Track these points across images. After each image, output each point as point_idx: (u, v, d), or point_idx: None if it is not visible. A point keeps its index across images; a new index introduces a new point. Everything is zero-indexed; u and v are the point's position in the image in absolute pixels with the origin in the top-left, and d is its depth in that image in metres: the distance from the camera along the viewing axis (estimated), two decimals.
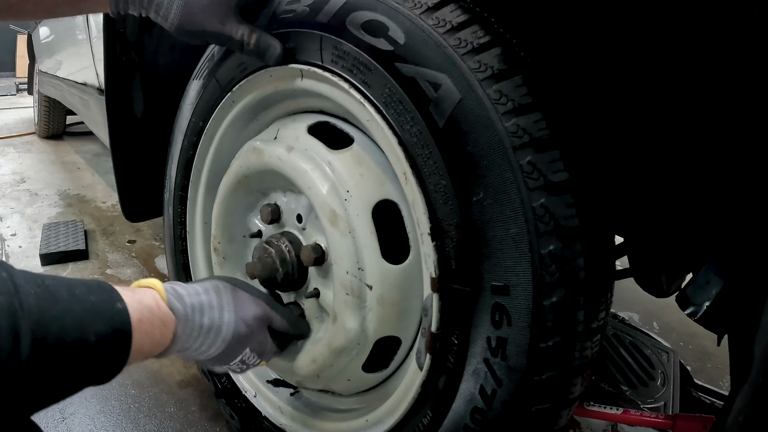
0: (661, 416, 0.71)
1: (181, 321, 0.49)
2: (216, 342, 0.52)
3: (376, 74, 0.52)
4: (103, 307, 0.41)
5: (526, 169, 0.44)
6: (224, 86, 0.71)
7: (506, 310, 0.46)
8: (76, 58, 1.71)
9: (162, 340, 0.47)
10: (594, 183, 0.47)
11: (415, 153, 0.50)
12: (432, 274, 0.51)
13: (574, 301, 0.45)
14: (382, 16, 0.52)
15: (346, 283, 0.57)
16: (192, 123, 0.76)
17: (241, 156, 0.68)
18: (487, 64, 0.46)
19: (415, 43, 0.49)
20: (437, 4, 0.50)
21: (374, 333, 0.57)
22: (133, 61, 0.87)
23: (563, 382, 0.47)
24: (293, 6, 0.60)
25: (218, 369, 0.58)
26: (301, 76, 0.62)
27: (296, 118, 0.67)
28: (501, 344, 0.47)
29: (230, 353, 0.54)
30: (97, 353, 0.40)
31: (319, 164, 0.60)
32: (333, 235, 0.57)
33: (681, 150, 0.61)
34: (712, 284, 0.60)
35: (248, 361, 0.57)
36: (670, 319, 1.41)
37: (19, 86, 6.47)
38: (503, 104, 0.45)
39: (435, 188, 0.49)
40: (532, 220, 0.44)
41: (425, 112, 0.48)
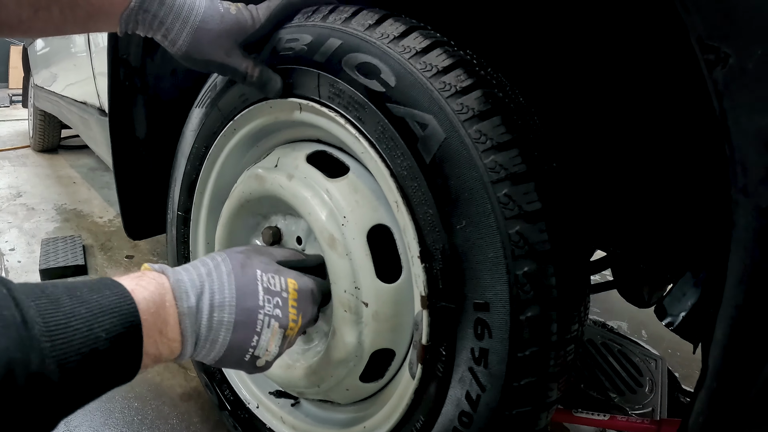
0: (647, 421, 0.76)
1: (171, 276, 0.47)
2: (223, 281, 0.48)
3: (369, 112, 0.58)
4: (108, 303, 0.39)
5: (503, 200, 0.50)
6: (226, 115, 0.76)
7: (487, 324, 0.52)
8: (74, 76, 1.72)
9: (165, 299, 0.45)
10: (566, 210, 0.53)
11: (405, 185, 0.56)
12: (422, 292, 0.56)
13: (548, 315, 0.51)
14: (375, 59, 0.57)
15: (344, 301, 0.62)
16: (195, 148, 0.81)
17: (243, 182, 0.73)
18: (469, 105, 0.52)
19: (405, 85, 0.55)
20: (425, 49, 0.56)
21: (370, 346, 0.63)
22: (136, 86, 0.92)
23: (541, 388, 0.52)
24: (292, 44, 0.65)
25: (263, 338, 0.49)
26: (300, 109, 0.67)
27: (295, 147, 0.72)
28: (483, 354, 0.52)
29: (246, 285, 0.49)
30: (111, 351, 0.38)
31: (317, 192, 0.65)
32: (331, 257, 0.62)
33: (657, 169, 0.67)
34: (687, 295, 0.64)
35: (273, 287, 0.51)
36: (658, 327, 1.46)
37: (12, 98, 6.40)
38: (483, 143, 0.51)
39: (423, 216, 0.55)
40: (509, 245, 0.50)
41: (414, 148, 0.54)
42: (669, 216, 0.68)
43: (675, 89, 0.61)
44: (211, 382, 0.85)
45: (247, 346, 0.49)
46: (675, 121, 0.63)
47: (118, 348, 0.39)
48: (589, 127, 0.71)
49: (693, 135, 0.63)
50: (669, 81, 0.61)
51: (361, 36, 0.59)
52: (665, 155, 0.67)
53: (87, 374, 0.37)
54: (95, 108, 1.43)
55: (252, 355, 0.49)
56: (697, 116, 0.61)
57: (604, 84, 0.68)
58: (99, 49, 1.30)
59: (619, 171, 0.71)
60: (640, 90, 0.65)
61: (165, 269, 0.48)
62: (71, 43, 1.72)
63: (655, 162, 0.68)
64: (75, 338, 0.36)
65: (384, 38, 0.58)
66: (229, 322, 0.47)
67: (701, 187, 0.64)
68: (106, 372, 0.39)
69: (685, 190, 0.66)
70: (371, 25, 0.60)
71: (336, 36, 0.61)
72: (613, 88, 0.68)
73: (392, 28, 0.58)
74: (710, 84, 0.32)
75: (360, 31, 0.59)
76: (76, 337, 0.36)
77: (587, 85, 0.69)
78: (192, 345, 0.47)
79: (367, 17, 0.60)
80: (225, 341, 0.47)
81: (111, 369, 0.39)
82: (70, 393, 0.37)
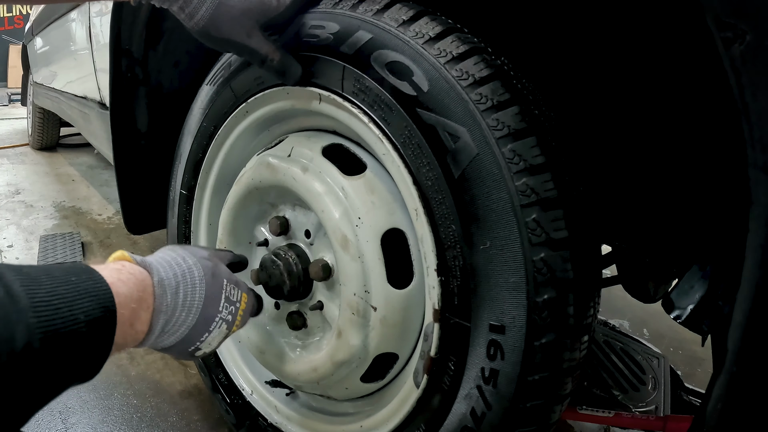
0: (652, 417, 0.76)
1: (155, 272, 0.49)
2: (195, 286, 0.51)
3: (396, 115, 0.55)
4: (85, 285, 0.40)
5: (531, 225, 0.49)
6: (239, 96, 0.72)
7: (501, 346, 0.52)
8: (75, 71, 1.67)
9: (144, 296, 0.46)
10: (590, 239, 0.52)
11: (428, 195, 0.54)
12: (435, 305, 0.56)
13: (562, 342, 0.51)
14: (407, 60, 0.54)
15: (353, 303, 0.61)
16: (203, 127, 0.77)
17: (254, 168, 0.70)
18: (505, 122, 0.50)
19: (438, 92, 0.52)
20: (462, 55, 0.53)
21: (375, 349, 0.62)
22: (138, 78, 0.88)
23: (546, 410, 0.53)
24: (317, 32, 0.61)
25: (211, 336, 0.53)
26: (320, 99, 0.64)
27: (311, 137, 0.69)
28: (493, 374, 0.52)
29: (213, 294, 0.53)
30: (87, 335, 0.39)
31: (332, 188, 0.63)
32: (343, 258, 0.61)
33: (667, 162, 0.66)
34: (695, 288, 0.65)
35: (232, 297, 0.56)
36: (660, 326, 1.48)
37: (11, 97, 6.25)
38: (516, 164, 0.49)
39: (445, 231, 0.53)
40: (532, 271, 0.49)
41: (442, 160, 0.52)
42: (675, 210, 0.68)
43: (683, 84, 0.60)
44: (206, 365, 0.85)
45: (196, 341, 0.53)
46: (681, 116, 0.62)
47: (94, 333, 0.40)
48: (596, 120, 0.70)
49: (699, 128, 0.62)
50: (677, 75, 0.60)
51: (394, 32, 0.56)
52: (671, 149, 0.66)
53: (65, 355, 0.37)
54: (96, 102, 1.38)
55: (196, 348, 0.54)
56: (705, 110, 0.60)
57: (613, 79, 0.66)
58: (100, 45, 1.25)
59: (626, 166, 0.70)
60: (648, 85, 0.63)
61: (146, 264, 0.50)
62: (72, 41, 1.68)
63: (662, 156, 0.67)
64: (57, 316, 0.36)
65: (419, 38, 0.55)
66: (191, 322, 0.51)
67: (708, 181, 0.64)
68: (81, 355, 0.39)
69: (691, 183, 0.66)
70: (405, 21, 0.56)
71: (366, 29, 0.57)
72: (622, 83, 0.66)
73: (428, 28, 0.55)
74: (727, 61, 0.32)
75: (393, 26, 0.56)
76: (58, 316, 0.36)
77: (597, 80, 0.67)
78: (155, 337, 0.49)
79: (401, 12, 0.57)
80: (180, 336, 0.51)
81: (85, 352, 0.39)
82: (49, 374, 0.36)
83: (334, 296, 0.67)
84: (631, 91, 0.65)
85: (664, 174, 0.67)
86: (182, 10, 0.58)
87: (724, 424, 0.37)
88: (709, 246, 0.65)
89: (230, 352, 0.82)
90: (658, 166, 0.67)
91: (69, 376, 0.39)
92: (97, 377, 1.08)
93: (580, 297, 0.51)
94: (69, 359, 0.38)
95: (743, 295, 0.34)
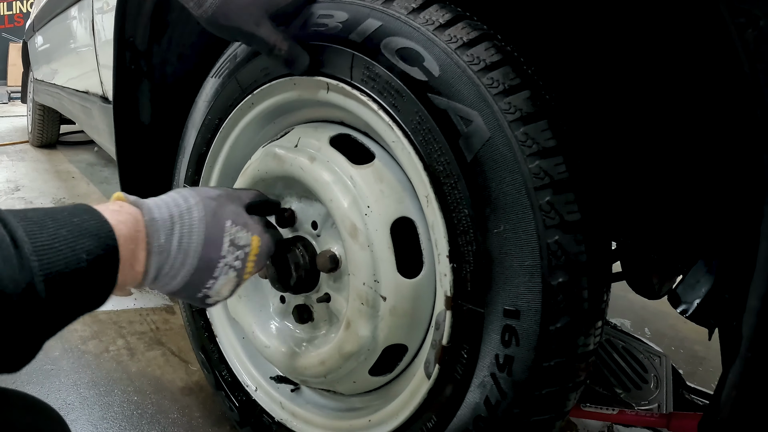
0: (656, 415, 0.75)
1: (146, 211, 0.48)
2: (193, 226, 0.49)
3: (407, 101, 0.55)
4: (87, 225, 0.41)
5: (545, 208, 0.49)
6: (245, 88, 0.72)
7: (516, 331, 0.51)
8: (77, 66, 1.67)
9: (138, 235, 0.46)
10: (602, 221, 0.52)
11: (440, 180, 0.54)
12: (447, 293, 0.55)
13: (577, 327, 0.50)
14: (418, 46, 0.54)
15: (362, 293, 0.60)
16: (207, 120, 0.77)
17: (260, 159, 0.70)
18: (517, 106, 0.50)
19: (450, 77, 0.52)
20: (472, 41, 0.53)
21: (384, 341, 0.62)
22: (142, 70, 0.88)
23: (561, 397, 0.52)
24: (326, 21, 0.61)
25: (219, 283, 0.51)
26: (327, 89, 0.64)
27: (318, 128, 0.69)
28: (508, 361, 0.52)
29: (214, 235, 0.50)
30: (91, 272, 0.40)
31: (341, 177, 0.62)
32: (352, 247, 0.60)
33: (673, 157, 0.66)
34: (701, 283, 0.64)
35: (239, 242, 0.52)
36: (661, 325, 1.48)
37: (11, 94, 6.28)
38: (529, 146, 0.49)
39: (457, 216, 0.53)
40: (546, 254, 0.49)
41: (455, 145, 0.52)
42: (681, 205, 0.68)
43: (689, 78, 0.60)
44: (209, 362, 0.83)
45: (201, 287, 0.51)
46: (687, 109, 0.63)
47: (97, 270, 0.41)
48: (603, 115, 0.70)
49: (705, 122, 0.62)
50: (685, 68, 0.60)
51: (404, 19, 0.56)
52: (676, 144, 0.66)
53: (69, 294, 0.39)
54: (98, 96, 1.38)
55: (204, 295, 0.52)
56: (711, 103, 0.60)
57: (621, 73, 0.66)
58: (102, 42, 1.25)
59: (631, 161, 0.70)
60: (655, 79, 0.63)
61: (140, 203, 0.49)
62: (74, 37, 1.68)
63: (667, 151, 0.67)
64: (60, 258, 0.38)
65: (429, 24, 0.55)
66: (191, 265, 0.50)
67: (714, 175, 0.64)
68: (84, 293, 0.41)
69: (697, 178, 0.66)
70: (415, 8, 0.56)
71: (375, 17, 0.58)
72: (629, 78, 0.66)
73: (437, 15, 0.55)
74: (740, 46, 0.32)
75: (403, 14, 0.56)
76: (60, 257, 0.38)
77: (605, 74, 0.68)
78: (152, 278, 0.49)
79: (410, 0, 0.57)
80: (183, 280, 0.50)
81: (89, 290, 0.41)
82: (55, 312, 0.38)
83: (342, 288, 0.66)
84: (637, 85, 0.65)
85: (670, 169, 0.67)
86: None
87: (738, 413, 0.37)
88: (715, 240, 0.65)
89: (234, 348, 0.81)
90: (663, 161, 0.67)
91: (74, 310, 0.41)
92: (98, 374, 1.06)
93: (593, 280, 0.50)
94: (73, 296, 0.40)
95: (758, 281, 0.34)
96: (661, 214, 0.70)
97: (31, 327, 0.37)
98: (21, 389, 0.48)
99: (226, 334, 0.81)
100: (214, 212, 0.52)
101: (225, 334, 0.81)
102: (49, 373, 1.02)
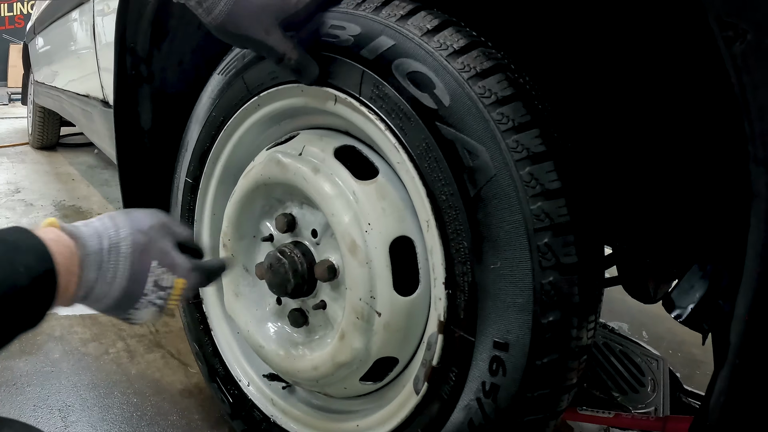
0: (651, 418, 0.77)
1: (80, 246, 0.50)
2: (119, 263, 0.51)
3: (415, 126, 0.55)
4: (23, 244, 0.43)
5: (543, 250, 0.50)
6: (251, 89, 0.71)
7: (503, 362, 0.53)
8: (77, 69, 1.64)
9: (72, 269, 0.49)
10: (597, 264, 0.53)
11: (442, 209, 0.54)
12: (440, 317, 0.57)
13: (564, 363, 0.52)
14: (430, 72, 0.54)
15: (358, 308, 0.62)
16: (212, 116, 0.76)
17: (263, 164, 0.69)
18: (524, 144, 0.50)
19: (460, 108, 0.52)
20: (485, 71, 0.53)
21: (376, 353, 0.63)
22: (142, 75, 0.87)
23: (543, 424, 0.55)
24: (338, 32, 0.60)
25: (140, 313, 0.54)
26: (335, 101, 0.63)
27: (323, 137, 0.68)
28: (494, 389, 0.54)
29: (139, 274, 0.52)
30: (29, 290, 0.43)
31: (343, 192, 0.63)
32: (351, 263, 0.61)
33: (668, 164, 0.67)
34: (695, 288, 0.66)
35: (162, 283, 0.54)
36: (658, 328, 1.50)
37: (11, 96, 6.13)
38: (532, 187, 0.50)
39: (456, 246, 0.54)
40: (540, 294, 0.50)
41: (459, 177, 0.52)
42: (675, 210, 0.69)
43: (681, 84, 0.61)
44: (203, 354, 0.85)
45: (123, 313, 0.55)
46: (681, 116, 0.63)
47: (36, 288, 0.44)
48: (598, 120, 0.70)
49: (698, 128, 0.63)
50: (676, 75, 0.61)
51: (417, 41, 0.55)
52: (671, 150, 0.67)
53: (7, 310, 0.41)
54: (99, 100, 1.35)
55: (126, 318, 0.56)
56: (703, 109, 0.61)
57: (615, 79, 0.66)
58: (102, 45, 1.22)
59: (626, 167, 0.71)
60: (648, 84, 0.64)
61: (75, 235, 0.50)
62: (75, 39, 1.65)
63: (661, 156, 0.68)
64: None
65: (443, 49, 0.54)
66: (114, 297, 0.53)
67: (707, 180, 0.65)
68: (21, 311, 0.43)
69: (691, 183, 0.67)
70: (429, 30, 0.55)
71: (389, 35, 0.57)
72: (623, 84, 0.66)
73: (452, 39, 0.54)
74: (728, 59, 0.33)
75: (417, 35, 0.55)
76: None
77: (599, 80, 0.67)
78: (80, 299, 0.52)
79: (425, 20, 0.56)
80: (106, 306, 0.54)
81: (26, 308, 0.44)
82: None
83: (338, 297, 0.68)
84: (631, 90, 0.65)
85: (664, 174, 0.67)
86: (200, 5, 0.56)
87: (726, 418, 0.38)
88: (709, 245, 0.66)
89: (228, 343, 0.83)
90: (658, 167, 0.67)
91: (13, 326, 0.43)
92: (97, 376, 1.08)
93: (582, 318, 0.52)
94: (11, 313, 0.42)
95: (745, 289, 0.35)
96: (655, 219, 0.70)
97: None
98: (21, 391, 0.49)
99: (221, 328, 0.83)
100: (142, 249, 0.53)
101: (220, 328, 0.83)
102: (49, 375, 1.03)
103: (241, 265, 0.78)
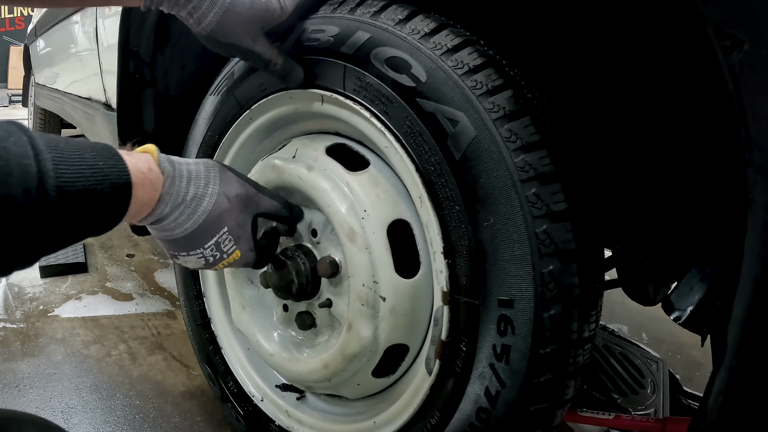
0: (651, 420, 0.77)
1: (168, 182, 0.52)
2: (195, 213, 0.54)
3: (397, 107, 0.58)
4: (108, 171, 0.46)
5: (532, 199, 0.51)
6: (243, 104, 0.75)
7: (511, 320, 0.52)
8: (79, 72, 1.70)
9: (149, 201, 0.51)
10: (588, 210, 0.54)
11: (431, 180, 0.56)
12: (444, 288, 0.57)
13: (570, 314, 0.52)
14: (405, 54, 0.58)
15: (362, 294, 0.62)
16: (207, 136, 0.80)
17: (260, 171, 0.72)
18: (500, 105, 0.53)
19: (436, 81, 0.55)
20: (456, 47, 0.56)
21: (385, 341, 0.63)
22: (146, 79, 0.91)
23: (559, 385, 0.53)
24: (318, 35, 0.65)
25: (188, 258, 0.58)
26: (322, 100, 0.67)
27: (314, 139, 0.72)
28: (505, 351, 0.53)
29: (207, 230, 0.56)
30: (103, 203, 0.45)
31: (338, 184, 0.65)
32: (351, 250, 0.62)
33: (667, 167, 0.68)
34: (694, 290, 0.66)
35: (223, 247, 0.57)
36: (658, 330, 1.49)
37: (11, 98, 6.36)
38: (513, 142, 0.52)
39: (449, 212, 0.55)
40: (536, 243, 0.51)
41: (443, 145, 0.54)
42: (675, 213, 0.70)
43: (681, 89, 0.63)
44: (215, 374, 0.84)
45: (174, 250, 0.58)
46: (680, 120, 0.65)
47: (111, 195, 0.46)
48: (596, 125, 0.73)
49: (697, 132, 0.64)
50: (676, 80, 0.63)
51: (391, 30, 0.59)
52: (670, 153, 0.68)
53: (79, 205, 0.43)
54: (101, 103, 1.40)
55: (173, 255, 0.59)
56: (702, 114, 0.63)
57: (614, 84, 0.69)
58: (105, 48, 1.28)
59: (626, 170, 0.73)
60: (647, 89, 0.66)
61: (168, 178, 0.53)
62: (76, 42, 1.71)
63: (661, 160, 0.69)
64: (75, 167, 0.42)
65: (414, 34, 0.58)
66: (175, 236, 0.56)
67: (706, 184, 0.66)
68: (94, 210, 0.45)
69: (690, 186, 0.68)
70: (401, 20, 0.60)
71: (365, 29, 0.61)
72: (622, 89, 0.69)
73: (423, 24, 0.59)
74: (726, 69, 0.34)
75: (390, 25, 0.60)
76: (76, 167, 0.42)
77: (596, 83, 0.70)
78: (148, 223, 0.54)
79: (396, 12, 0.61)
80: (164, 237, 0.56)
81: (98, 209, 0.46)
82: (60, 221, 0.41)
83: (342, 292, 0.68)
84: (630, 95, 0.68)
85: (664, 178, 0.69)
86: (190, 16, 0.61)
87: (724, 418, 0.38)
88: (708, 248, 0.67)
89: (239, 359, 0.82)
90: (657, 170, 0.69)
91: (80, 226, 0.45)
92: (100, 378, 1.07)
93: (583, 267, 0.52)
94: (82, 209, 0.43)
95: (742, 292, 0.36)
96: (655, 222, 0.71)
97: (33, 229, 0.39)
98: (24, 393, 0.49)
99: (231, 345, 0.82)
100: (219, 213, 0.56)
101: (230, 345, 0.83)
102: (52, 377, 1.03)
103: (246, 276, 0.78)
